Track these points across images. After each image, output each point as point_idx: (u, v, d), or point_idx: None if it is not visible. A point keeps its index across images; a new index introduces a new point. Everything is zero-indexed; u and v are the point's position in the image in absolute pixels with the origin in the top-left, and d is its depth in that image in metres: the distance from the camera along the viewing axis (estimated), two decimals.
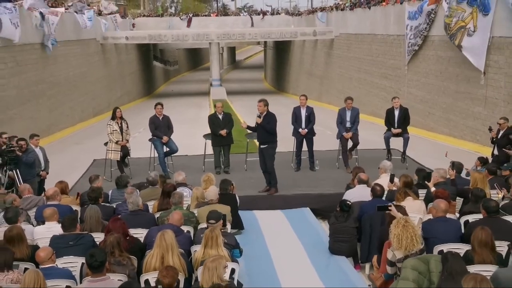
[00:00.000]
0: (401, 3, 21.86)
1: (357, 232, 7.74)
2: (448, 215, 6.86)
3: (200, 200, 8.16)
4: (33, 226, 7.08)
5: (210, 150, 12.47)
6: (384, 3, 24.56)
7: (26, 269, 5.35)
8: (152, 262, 5.68)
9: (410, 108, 14.85)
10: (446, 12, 17.17)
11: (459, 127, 17.33)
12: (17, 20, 19.04)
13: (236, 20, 47.48)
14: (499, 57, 14.99)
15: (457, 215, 7.31)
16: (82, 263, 5.70)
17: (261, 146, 10.86)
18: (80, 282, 5.51)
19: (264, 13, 49.21)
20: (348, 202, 7.90)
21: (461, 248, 5.83)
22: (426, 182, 8.47)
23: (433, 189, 7.98)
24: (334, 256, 7.76)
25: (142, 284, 5.55)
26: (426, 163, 11.94)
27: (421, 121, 19.34)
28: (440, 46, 18.51)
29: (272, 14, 49.84)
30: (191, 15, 48.62)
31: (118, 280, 5.17)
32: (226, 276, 5.53)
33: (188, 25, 43.85)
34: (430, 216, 6.97)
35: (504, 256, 5.55)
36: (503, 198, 7.58)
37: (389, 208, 6.89)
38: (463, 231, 6.50)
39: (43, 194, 9.04)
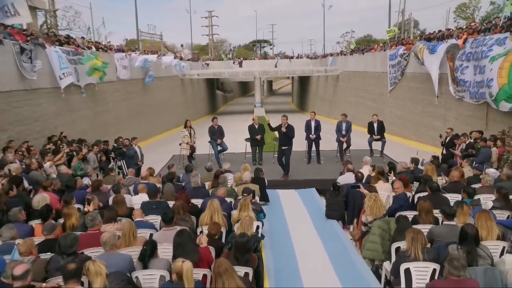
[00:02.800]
0: (384, 50, 21.59)
1: (344, 204, 7.75)
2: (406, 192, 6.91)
3: (239, 181, 8.26)
4: (131, 196, 7.31)
5: (249, 149, 12.52)
6: (373, 50, 24.31)
7: None
8: (204, 219, 5.85)
9: (390, 123, 14.67)
10: (414, 50, 17.19)
11: (424, 135, 16.91)
12: (126, 64, 19.83)
13: (272, 62, 47.24)
14: (449, 87, 14.68)
15: (413, 193, 7.31)
16: (161, 220, 5.76)
17: (283, 147, 10.86)
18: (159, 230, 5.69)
19: (291, 57, 49.15)
20: (338, 184, 7.95)
21: (411, 214, 5.87)
22: (390, 172, 8.35)
23: (393, 178, 7.89)
24: (329, 220, 7.80)
25: (198, 233, 5.66)
26: (399, 159, 11.76)
27: (399, 131, 18.92)
28: (411, 79, 18.15)
29: (297, 58, 49.69)
30: (242, 59, 48.83)
31: None
32: (253, 230, 5.64)
33: (240, 66, 43.94)
34: (394, 194, 7.02)
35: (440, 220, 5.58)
36: (446, 182, 7.55)
37: (359, 187, 7.02)
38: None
39: (139, 176, 9.32)
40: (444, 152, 10.55)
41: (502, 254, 4.55)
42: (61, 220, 5.70)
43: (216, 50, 67.65)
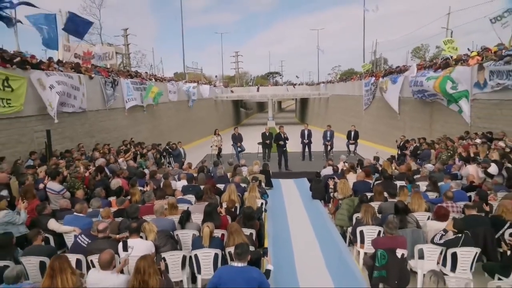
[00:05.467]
0: (360, 80, 21.53)
1: (325, 188, 7.80)
2: (367, 180, 6.93)
3: (251, 172, 8.37)
4: (176, 181, 7.31)
5: (261, 150, 12.48)
6: (352, 80, 24.20)
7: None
8: (224, 197, 6.00)
9: (364, 133, 14.51)
10: (379, 85, 17.11)
11: (388, 141, 16.55)
12: (175, 89, 20.34)
13: (282, 88, 47.01)
14: (405, 107, 14.58)
15: (373, 180, 7.37)
16: (195, 197, 5.82)
17: (283, 148, 10.96)
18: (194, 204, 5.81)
19: (294, 84, 49.08)
20: (319, 174, 8.10)
21: (370, 194, 5.91)
22: (357, 166, 8.39)
23: (359, 171, 8.00)
24: (314, 200, 7.88)
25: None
26: (368, 157, 11.74)
27: (370, 138, 18.62)
28: (379, 101, 17.93)
29: (299, 85, 49.57)
30: (259, 86, 48.94)
31: None
32: (258, 205, 5.85)
33: (258, 91, 44.02)
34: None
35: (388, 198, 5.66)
36: (399, 172, 7.61)
37: (333, 177, 7.17)
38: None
39: (182, 168, 9.44)
40: (399, 152, 10.57)
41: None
42: (129, 197, 5.94)
43: (240, 79, 67.91)
